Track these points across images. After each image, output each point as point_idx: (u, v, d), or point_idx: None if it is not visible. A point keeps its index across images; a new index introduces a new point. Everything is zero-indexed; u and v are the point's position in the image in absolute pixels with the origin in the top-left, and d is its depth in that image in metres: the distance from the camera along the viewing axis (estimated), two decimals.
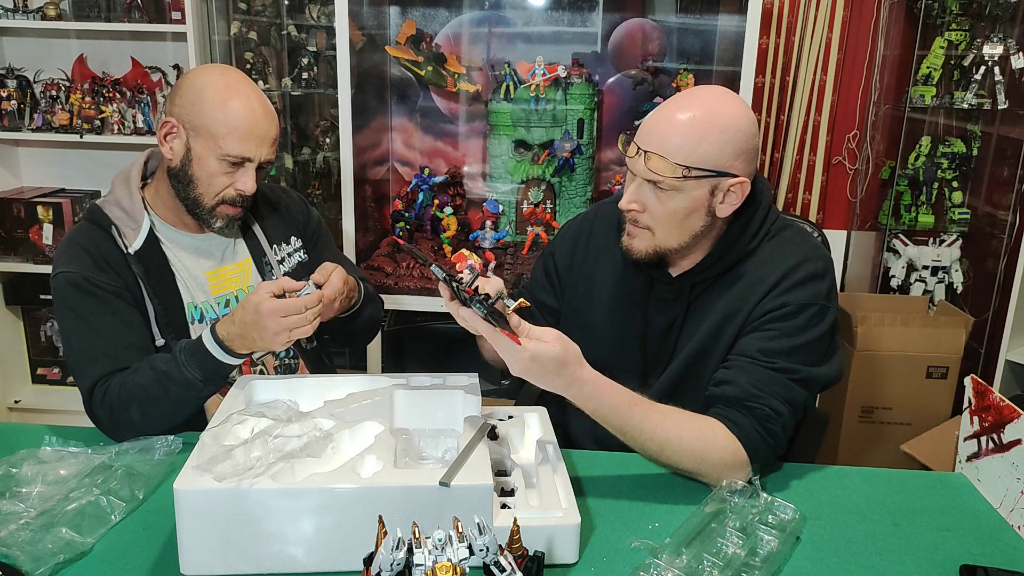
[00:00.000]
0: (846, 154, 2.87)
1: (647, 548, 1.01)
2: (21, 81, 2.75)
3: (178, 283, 1.43)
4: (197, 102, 1.36)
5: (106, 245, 1.40)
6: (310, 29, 2.69)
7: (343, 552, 0.95)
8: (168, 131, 1.40)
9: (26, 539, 1.01)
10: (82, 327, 1.35)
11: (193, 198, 1.40)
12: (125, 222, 1.41)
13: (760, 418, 1.18)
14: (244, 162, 1.38)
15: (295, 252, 1.59)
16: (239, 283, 1.51)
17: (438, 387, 1.20)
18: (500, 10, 2.56)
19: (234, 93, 1.36)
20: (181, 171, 1.40)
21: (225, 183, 1.39)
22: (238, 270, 1.52)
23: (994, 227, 2.73)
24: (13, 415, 2.91)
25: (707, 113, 1.19)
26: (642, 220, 1.25)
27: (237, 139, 1.35)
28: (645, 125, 1.23)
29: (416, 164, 2.69)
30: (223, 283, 1.49)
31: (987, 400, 1.21)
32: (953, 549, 1.08)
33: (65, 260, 1.39)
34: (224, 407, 1.15)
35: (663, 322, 1.34)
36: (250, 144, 1.37)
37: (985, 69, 2.58)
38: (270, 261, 1.53)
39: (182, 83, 1.40)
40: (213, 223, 1.43)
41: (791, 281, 1.25)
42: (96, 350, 1.34)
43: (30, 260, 2.76)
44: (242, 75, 1.42)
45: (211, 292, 1.48)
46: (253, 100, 1.37)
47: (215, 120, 1.35)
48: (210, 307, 1.47)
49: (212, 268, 1.49)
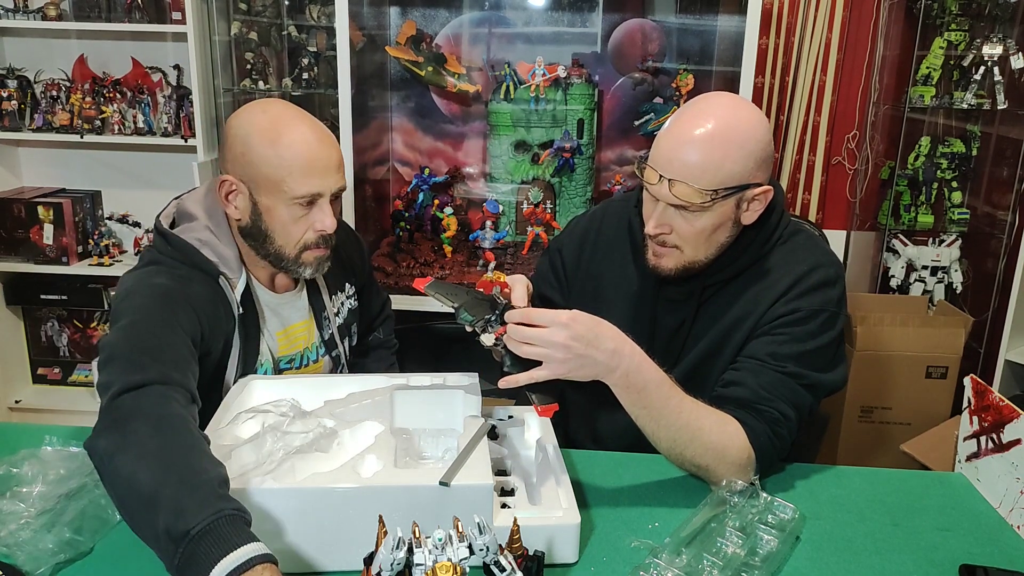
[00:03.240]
0: (846, 154, 2.87)
1: (647, 548, 1.01)
2: (22, 81, 2.75)
3: (261, 339, 1.33)
4: (246, 152, 1.23)
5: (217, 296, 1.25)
6: (310, 29, 2.69)
7: (343, 551, 0.95)
8: (228, 191, 1.27)
9: (26, 539, 1.01)
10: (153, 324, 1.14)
11: (275, 252, 1.28)
12: (225, 270, 1.27)
13: (769, 421, 1.19)
14: (315, 199, 1.25)
15: (348, 299, 1.51)
16: (305, 340, 1.42)
17: (438, 387, 1.21)
18: (500, 10, 2.56)
19: (282, 127, 1.23)
20: (254, 228, 1.27)
21: (303, 228, 1.26)
22: (305, 326, 1.42)
23: (993, 227, 2.73)
24: (14, 415, 2.92)
25: (724, 129, 1.16)
26: (670, 240, 1.23)
27: (301, 177, 1.22)
28: (662, 150, 1.18)
29: (416, 164, 2.69)
30: (292, 341, 1.40)
31: (987, 400, 1.21)
32: (952, 549, 1.08)
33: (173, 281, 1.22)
34: (225, 407, 1.15)
35: (672, 323, 1.34)
36: (316, 178, 1.23)
37: (984, 69, 2.58)
38: (328, 315, 1.44)
39: (227, 135, 1.27)
40: (303, 272, 1.31)
41: (803, 287, 1.25)
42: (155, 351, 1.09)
43: (31, 260, 2.76)
44: (286, 105, 1.28)
45: (279, 351, 1.38)
46: (304, 129, 1.23)
47: (271, 164, 1.22)
48: (270, 366, 1.36)
49: (282, 327, 1.39)
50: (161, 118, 2.72)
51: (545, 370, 1.07)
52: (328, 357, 1.46)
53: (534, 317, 1.07)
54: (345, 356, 1.50)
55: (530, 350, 1.06)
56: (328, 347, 1.45)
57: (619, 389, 1.12)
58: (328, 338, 1.45)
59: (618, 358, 1.10)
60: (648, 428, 1.16)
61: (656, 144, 1.20)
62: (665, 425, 1.14)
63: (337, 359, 1.48)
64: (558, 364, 1.07)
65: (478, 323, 1.08)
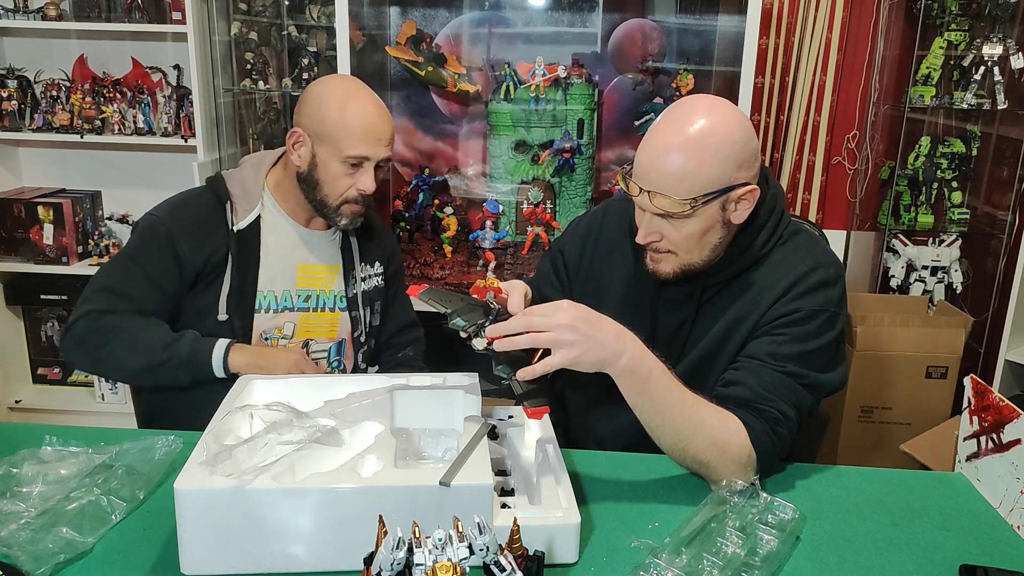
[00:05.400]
0: (846, 154, 2.87)
1: (647, 548, 1.01)
2: (22, 81, 2.76)
3: (260, 270, 1.53)
4: (318, 111, 1.47)
5: (215, 216, 1.51)
6: (310, 29, 2.69)
7: (343, 551, 0.95)
8: (296, 140, 1.50)
9: (26, 539, 1.01)
10: (129, 267, 1.47)
11: (320, 200, 1.51)
12: (241, 200, 1.52)
13: (769, 420, 1.18)
14: (363, 162, 1.48)
15: (377, 275, 1.70)
16: (325, 284, 1.61)
17: (438, 387, 1.21)
18: (500, 10, 2.56)
19: (351, 98, 1.47)
20: (309, 175, 1.50)
21: (347, 184, 1.49)
22: (328, 272, 1.62)
23: (993, 227, 2.73)
24: (14, 415, 2.92)
25: (699, 136, 1.15)
26: (662, 246, 1.24)
27: (356, 141, 1.45)
28: (641, 163, 1.20)
29: (416, 164, 2.69)
30: (312, 279, 1.60)
31: (986, 400, 1.21)
32: (953, 549, 1.08)
33: (168, 209, 1.51)
34: (224, 406, 1.15)
35: (673, 323, 1.34)
36: (368, 145, 1.46)
37: (984, 69, 2.58)
38: (356, 275, 1.64)
39: (306, 95, 1.51)
40: (339, 221, 1.53)
41: (803, 287, 1.25)
42: (121, 290, 1.45)
43: (31, 260, 2.77)
44: (358, 82, 1.53)
45: (296, 283, 1.57)
46: (368, 104, 1.48)
47: (336, 125, 1.45)
48: (289, 296, 1.57)
49: (305, 262, 1.58)
50: (161, 118, 2.72)
51: (557, 356, 1.06)
52: (348, 315, 1.64)
53: (536, 311, 1.08)
54: (364, 325, 1.67)
55: (539, 337, 1.05)
56: (351, 305, 1.64)
57: (625, 377, 1.11)
58: (352, 296, 1.64)
59: (623, 342, 1.10)
60: (652, 421, 1.15)
61: (637, 156, 1.21)
62: (669, 418, 1.14)
63: (356, 321, 1.65)
64: (569, 347, 1.06)
65: (471, 327, 1.08)
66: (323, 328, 1.62)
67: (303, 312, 1.59)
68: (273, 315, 1.56)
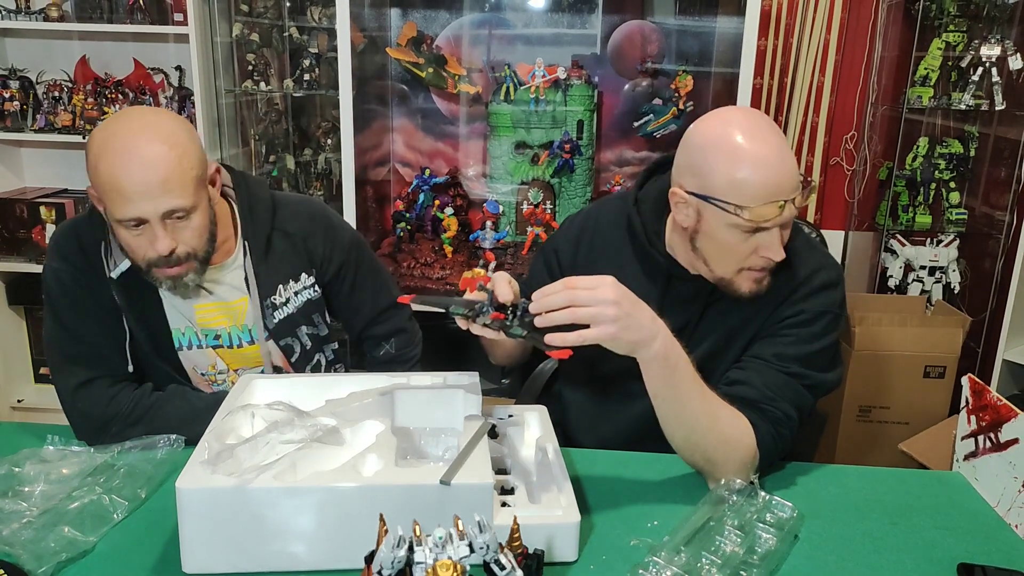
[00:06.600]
0: (844, 155, 2.88)
1: (646, 546, 1.01)
2: (24, 82, 2.76)
3: (165, 308, 1.36)
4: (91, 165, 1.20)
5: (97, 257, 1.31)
6: (312, 31, 2.69)
7: (344, 550, 0.95)
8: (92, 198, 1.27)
9: (29, 538, 1.01)
10: (64, 330, 1.31)
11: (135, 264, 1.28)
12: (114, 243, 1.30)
13: (773, 421, 1.19)
14: (141, 223, 1.21)
15: (306, 289, 1.47)
16: (232, 319, 1.42)
17: (438, 386, 1.21)
18: (500, 12, 2.57)
19: (104, 152, 1.18)
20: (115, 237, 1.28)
21: (143, 245, 1.24)
22: (230, 308, 1.41)
23: (991, 227, 2.74)
24: (16, 414, 2.92)
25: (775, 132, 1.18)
26: None
27: (118, 203, 1.18)
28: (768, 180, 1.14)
29: (417, 165, 2.69)
30: (212, 318, 1.41)
31: (984, 399, 1.21)
32: (951, 548, 1.08)
33: (58, 255, 1.33)
34: (225, 406, 1.15)
35: (678, 322, 1.33)
36: (131, 204, 1.18)
37: (982, 70, 2.58)
38: (273, 302, 1.43)
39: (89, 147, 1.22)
40: (160, 286, 1.32)
41: (808, 289, 1.26)
42: (79, 353, 1.31)
43: (33, 260, 2.77)
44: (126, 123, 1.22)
45: (198, 323, 1.40)
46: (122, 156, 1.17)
47: (98, 187, 1.20)
48: (195, 336, 1.41)
49: (203, 301, 1.40)
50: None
51: (595, 331, 1.03)
52: (275, 344, 1.45)
53: (577, 283, 1.05)
54: (303, 346, 1.48)
55: (578, 312, 1.03)
56: (275, 335, 1.44)
57: (655, 363, 1.09)
58: (274, 327, 1.43)
59: (658, 326, 1.09)
60: (671, 412, 1.14)
61: (747, 181, 1.14)
62: (689, 409, 1.13)
63: (289, 349, 1.46)
64: (609, 323, 1.03)
65: (470, 312, 1.08)
66: (250, 361, 1.46)
67: (220, 349, 1.44)
68: (197, 350, 1.42)
